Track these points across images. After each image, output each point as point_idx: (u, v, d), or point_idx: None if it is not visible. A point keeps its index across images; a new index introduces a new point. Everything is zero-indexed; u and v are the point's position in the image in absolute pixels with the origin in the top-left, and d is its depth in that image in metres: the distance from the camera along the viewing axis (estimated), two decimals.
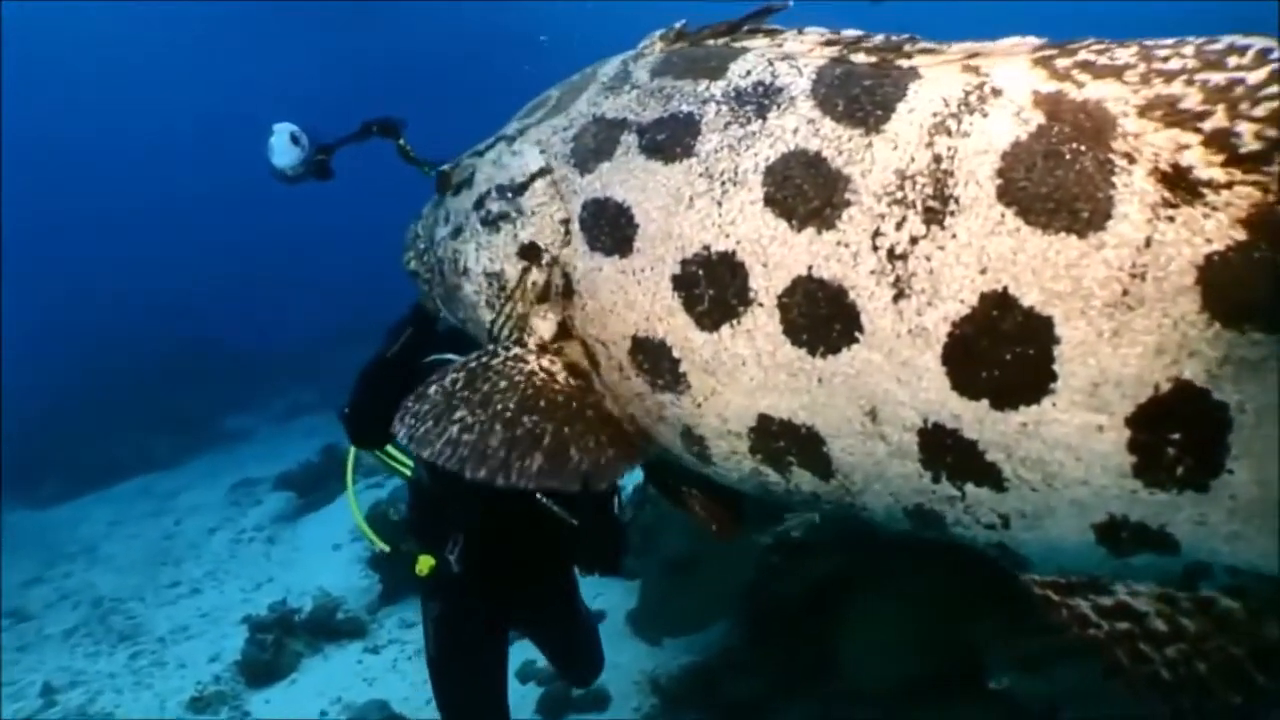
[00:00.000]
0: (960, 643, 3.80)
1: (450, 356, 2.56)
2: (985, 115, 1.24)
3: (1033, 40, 1.28)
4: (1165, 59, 1.16)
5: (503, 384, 1.58)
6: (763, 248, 1.33)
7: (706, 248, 1.38)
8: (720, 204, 1.37)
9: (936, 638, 3.88)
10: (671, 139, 1.46)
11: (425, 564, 2.84)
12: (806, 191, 1.30)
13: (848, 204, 1.27)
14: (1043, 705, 3.48)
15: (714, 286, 1.37)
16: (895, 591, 3.92)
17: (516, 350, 1.62)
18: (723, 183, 1.38)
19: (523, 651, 5.47)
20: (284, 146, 2.98)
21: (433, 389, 1.60)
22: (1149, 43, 1.19)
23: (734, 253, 1.35)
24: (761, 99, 1.41)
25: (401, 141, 2.90)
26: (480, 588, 2.92)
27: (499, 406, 1.55)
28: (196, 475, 11.17)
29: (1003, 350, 1.19)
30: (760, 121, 1.39)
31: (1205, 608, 1.26)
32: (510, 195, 1.67)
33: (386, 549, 3.01)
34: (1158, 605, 1.28)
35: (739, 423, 1.41)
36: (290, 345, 16.44)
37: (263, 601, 6.98)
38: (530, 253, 1.61)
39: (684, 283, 1.40)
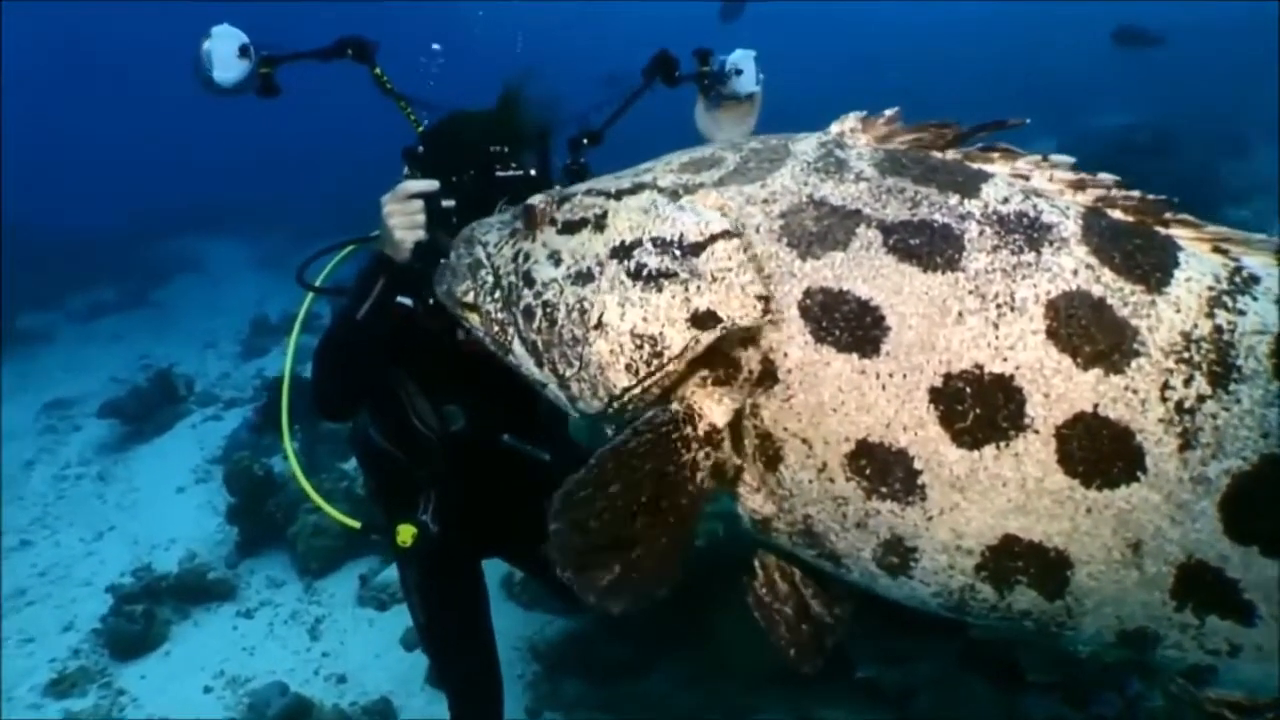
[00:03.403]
0: None
1: (407, 302, 2.42)
2: (1255, 299, 1.38)
3: (1276, 240, 1.44)
4: None
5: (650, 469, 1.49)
6: (1045, 378, 1.36)
7: (979, 367, 1.37)
8: (997, 327, 1.38)
9: None
10: (929, 247, 1.42)
11: (407, 533, 2.63)
12: (1094, 334, 1.36)
13: (1136, 354, 1.35)
14: (900, 693, 3.88)
15: (982, 406, 1.37)
16: None
17: (681, 433, 1.51)
18: (998, 306, 1.38)
19: (404, 619, 5.43)
20: (228, 59, 2.39)
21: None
22: None
23: (1012, 377, 1.37)
24: (1030, 231, 1.43)
25: (378, 70, 2.52)
26: (461, 541, 2.79)
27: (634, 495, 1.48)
28: None
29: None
30: (1034, 254, 1.41)
31: None
32: (679, 254, 1.51)
33: (357, 527, 2.74)
34: None
35: (977, 540, 1.41)
36: (90, 233, 14.80)
37: (109, 555, 6.37)
38: (707, 321, 1.49)
39: (945, 397, 1.38)
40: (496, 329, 1.76)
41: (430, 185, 2.28)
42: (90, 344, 11.45)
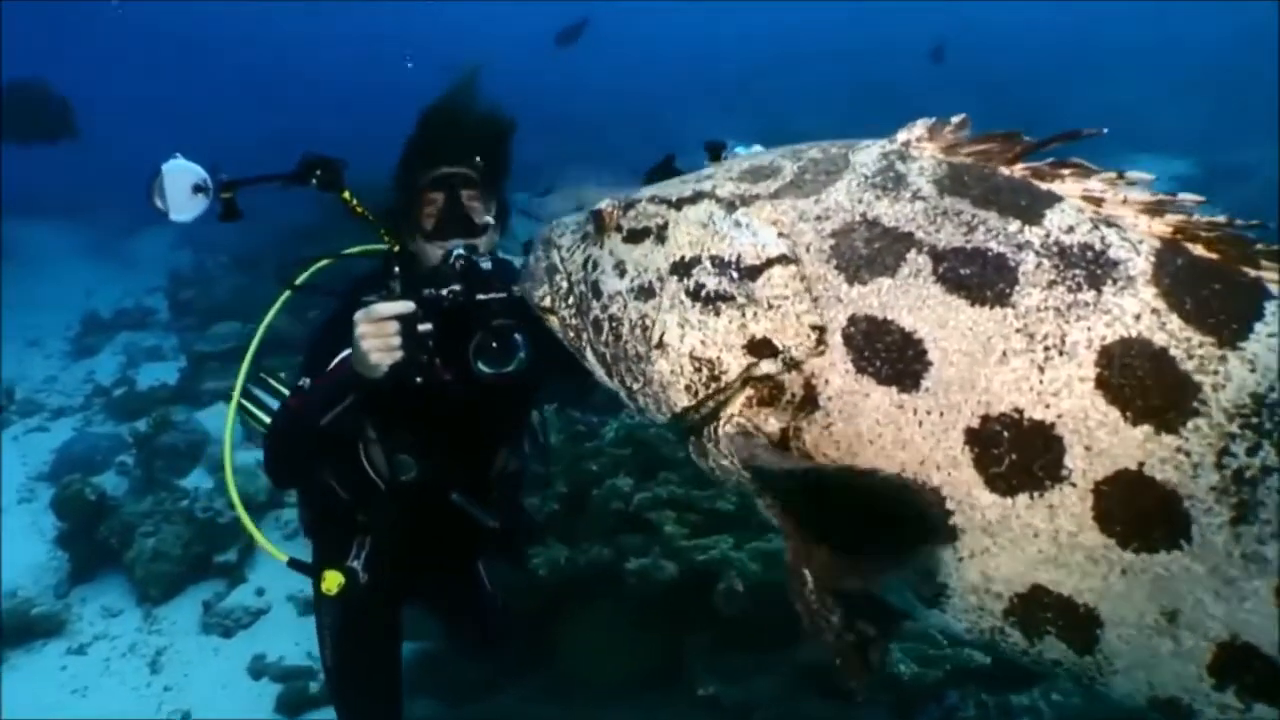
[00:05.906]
0: (672, 652, 4.20)
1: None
2: None
3: None
4: None
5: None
6: (1088, 429, 1.25)
7: (1019, 411, 1.28)
8: (1043, 370, 1.28)
9: (650, 645, 4.24)
10: (980, 279, 1.33)
11: (334, 581, 2.49)
12: (1148, 386, 1.24)
13: (1195, 413, 1.22)
14: (740, 709, 3.97)
15: (1018, 452, 1.28)
16: (618, 601, 4.20)
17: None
18: (1046, 348, 1.28)
19: (251, 645, 5.14)
20: (183, 198, 2.29)
21: None
22: None
23: (1053, 425, 1.27)
24: (1092, 266, 1.30)
25: (347, 194, 2.42)
26: (387, 590, 2.68)
27: None
28: None
29: None
30: (1094, 293, 1.29)
31: None
32: (736, 276, 1.47)
33: (285, 559, 2.62)
34: None
35: (1006, 586, 1.33)
36: None
37: None
38: (763, 350, 1.44)
39: (981, 439, 1.30)
40: (572, 334, 1.76)
41: (406, 308, 2.19)
42: None
